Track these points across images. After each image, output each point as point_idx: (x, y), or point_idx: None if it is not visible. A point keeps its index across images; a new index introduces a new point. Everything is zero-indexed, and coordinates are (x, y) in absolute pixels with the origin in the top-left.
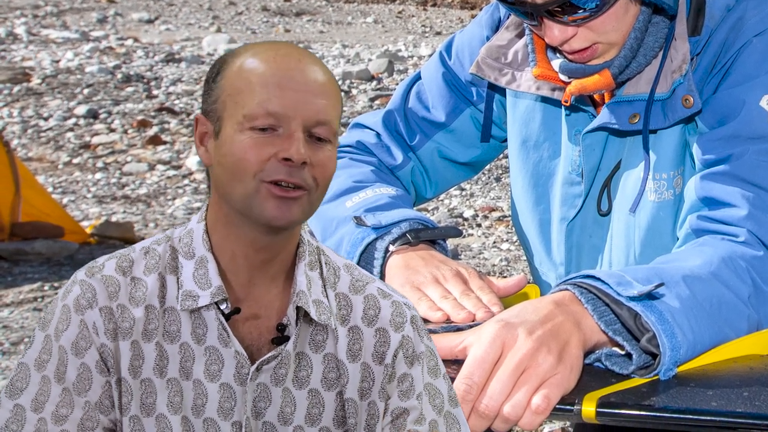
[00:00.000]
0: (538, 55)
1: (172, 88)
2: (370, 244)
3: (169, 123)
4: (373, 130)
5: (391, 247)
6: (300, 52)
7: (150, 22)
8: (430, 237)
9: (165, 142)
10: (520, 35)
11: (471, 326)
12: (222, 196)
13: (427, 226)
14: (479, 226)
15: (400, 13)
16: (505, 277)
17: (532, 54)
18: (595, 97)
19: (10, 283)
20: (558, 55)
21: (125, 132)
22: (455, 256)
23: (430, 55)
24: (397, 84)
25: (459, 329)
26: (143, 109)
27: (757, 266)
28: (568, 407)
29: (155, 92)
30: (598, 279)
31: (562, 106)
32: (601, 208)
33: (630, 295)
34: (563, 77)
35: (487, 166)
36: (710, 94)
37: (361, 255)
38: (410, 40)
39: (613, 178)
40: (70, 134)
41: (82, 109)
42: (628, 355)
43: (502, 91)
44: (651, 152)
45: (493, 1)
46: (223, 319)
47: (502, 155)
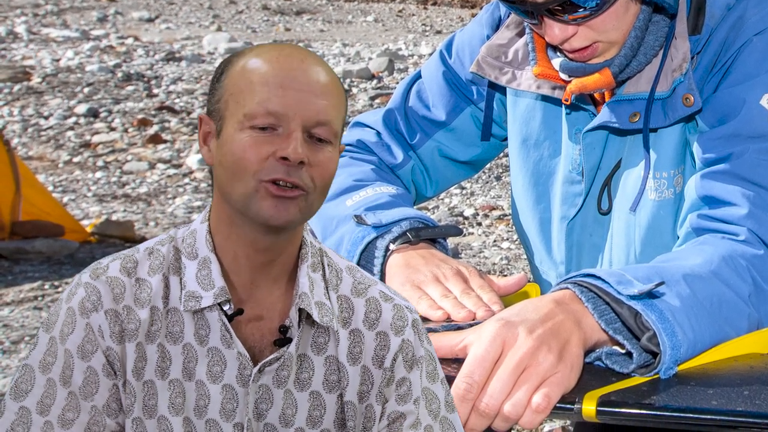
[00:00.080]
0: (539, 54)
1: (173, 87)
2: (371, 242)
3: (169, 122)
4: (374, 129)
5: (392, 246)
6: (303, 53)
7: (150, 20)
8: (430, 236)
9: (165, 141)
10: (521, 34)
11: (471, 325)
12: (223, 196)
13: (428, 225)
14: (479, 224)
15: (400, 11)
16: (506, 275)
17: (533, 53)
18: (596, 95)
19: (10, 282)
20: (558, 53)
21: (126, 131)
22: (455, 254)
23: (431, 54)
24: (398, 83)
25: (459, 328)
26: (143, 107)
27: (757, 265)
28: (569, 406)
29: (156, 91)
30: (599, 278)
31: (563, 105)
32: (602, 207)
33: (630, 294)
34: (563, 76)
35: (488, 165)
36: (710, 93)
37: (362, 254)
38: (410, 38)
39: (613, 177)
40: (70, 133)
41: (82, 108)
42: (629, 354)
43: (503, 90)
44: (651, 151)
45: (494, 0)
46: (225, 321)
47: (502, 154)
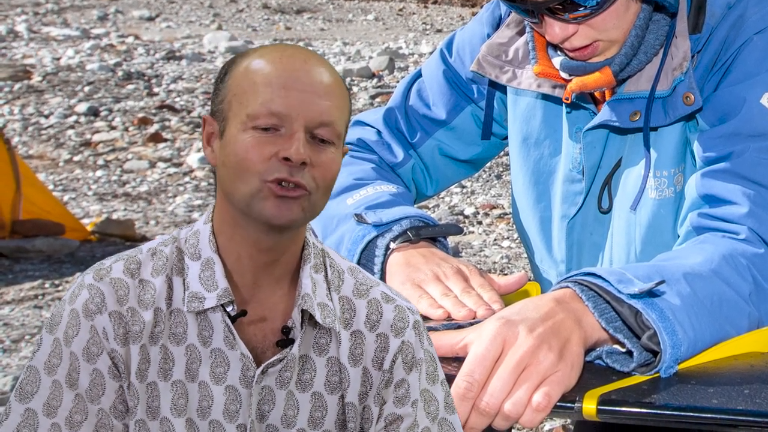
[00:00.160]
0: (539, 53)
1: (173, 86)
2: (371, 241)
3: (169, 120)
4: (374, 128)
5: (392, 245)
6: (306, 53)
7: (151, 19)
8: (430, 234)
9: (166, 140)
10: (521, 33)
11: (472, 324)
12: (226, 196)
13: (428, 224)
14: (480, 223)
15: (400, 10)
16: (506, 274)
17: (533, 51)
18: (596, 94)
19: (10, 281)
20: (559, 52)
21: (126, 129)
22: (456, 253)
23: (431, 53)
24: (398, 81)
25: (460, 327)
26: (144, 106)
27: (757, 264)
28: (569, 405)
29: (156, 90)
30: (599, 276)
31: (563, 104)
32: (602, 206)
33: (631, 293)
34: (564, 75)
35: (488, 164)
36: (711, 92)
37: (362, 252)
38: (411, 37)
39: (613, 176)
40: (70, 132)
41: (82, 107)
42: (629, 353)
43: (503, 89)
44: (652, 150)
45: None
46: (229, 322)
47: (502, 153)
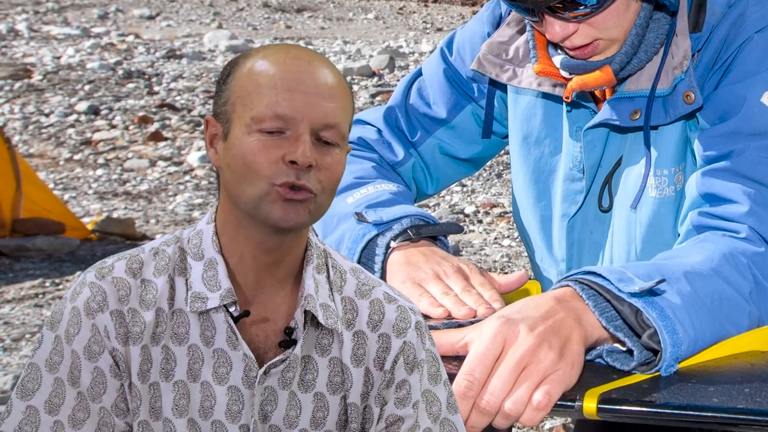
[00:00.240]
0: (539, 52)
1: (173, 85)
2: (372, 240)
3: (170, 119)
4: (374, 127)
5: (393, 244)
6: (310, 54)
7: (151, 18)
8: (431, 233)
9: (166, 139)
10: (521, 31)
11: (472, 322)
12: (231, 198)
13: (429, 223)
14: (480, 222)
15: (401, 9)
16: (506, 273)
17: (533, 50)
18: (596, 93)
19: (11, 280)
20: (559, 51)
21: (126, 128)
22: (456, 252)
23: (431, 52)
24: (398, 80)
25: (460, 325)
26: (144, 105)
27: (758, 262)
28: (570, 403)
29: (156, 88)
30: (600, 275)
31: (563, 103)
32: (602, 205)
33: (631, 292)
34: (564, 73)
35: (488, 163)
36: (711, 91)
37: (362, 251)
38: (411, 36)
39: (614, 175)
40: (71, 130)
41: (83, 106)
42: (630, 352)
43: (503, 88)
44: (652, 148)
45: None
46: (231, 322)
47: (503, 151)
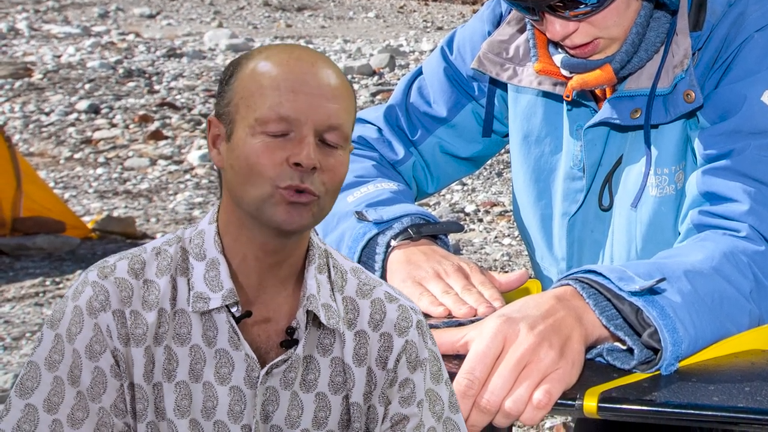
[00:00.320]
0: (540, 50)
1: (174, 83)
2: (372, 239)
3: (170, 118)
4: (375, 125)
5: (393, 242)
6: (313, 55)
7: (151, 17)
8: (431, 232)
9: (166, 137)
10: (522, 30)
11: (472, 321)
12: (234, 199)
13: (429, 221)
14: (481, 221)
15: (401, 8)
16: (507, 272)
17: (534, 49)
18: (597, 92)
19: (11, 278)
20: (559, 50)
21: (127, 127)
22: (457, 251)
23: (432, 50)
24: (399, 79)
25: (460, 324)
26: (145, 104)
27: (758, 261)
28: (570, 402)
29: (157, 87)
30: (600, 274)
31: (564, 101)
32: (603, 203)
33: (631, 290)
34: (565, 72)
35: (489, 161)
36: (711, 89)
37: (363, 250)
38: (412, 35)
39: (614, 173)
40: (71, 129)
41: (83, 104)
42: (630, 350)
43: (504, 86)
44: (652, 147)
45: None
46: (233, 322)
47: (503, 150)
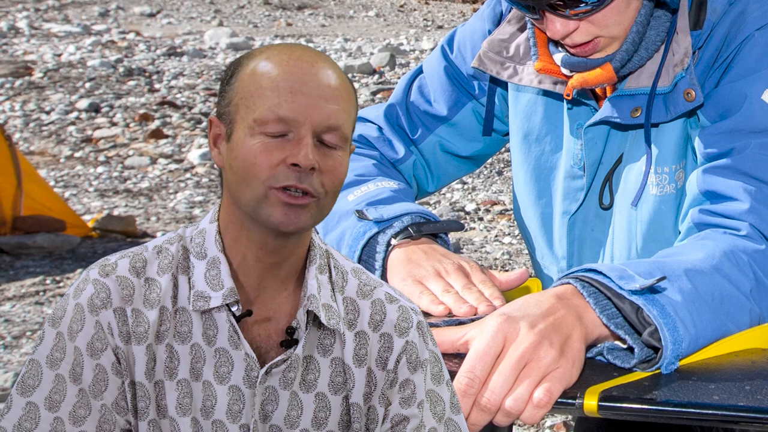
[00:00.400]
0: (540, 49)
1: (174, 82)
2: (372, 237)
3: (170, 117)
4: (375, 124)
5: (393, 241)
6: (314, 55)
7: (152, 15)
8: (432, 231)
9: (167, 136)
10: (522, 29)
11: (473, 320)
12: (233, 199)
13: (429, 220)
14: (481, 219)
15: (402, 6)
16: (507, 270)
17: (534, 48)
18: (597, 90)
19: (12, 277)
20: (560, 48)
21: (127, 126)
22: (457, 249)
23: (432, 49)
24: (399, 78)
25: (461, 323)
26: (145, 102)
27: (759, 260)
28: (570, 401)
29: (157, 86)
30: (600, 273)
31: (564, 100)
32: (603, 202)
33: (632, 289)
34: (565, 71)
35: (489, 160)
36: (712, 88)
37: (363, 249)
38: (412, 33)
39: (614, 172)
40: (71, 128)
41: (83, 103)
42: (630, 349)
43: (504, 85)
44: (653, 146)
45: None
46: (234, 321)
47: (503, 149)
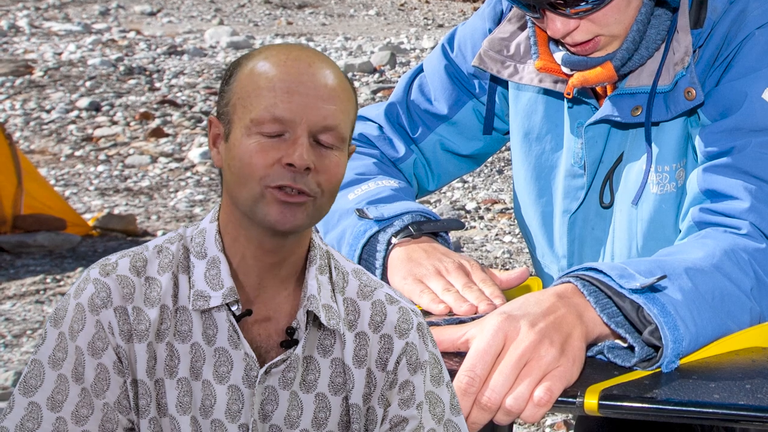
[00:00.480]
0: (541, 48)
1: (175, 81)
2: (373, 236)
3: (171, 115)
4: (376, 123)
5: (394, 240)
6: (312, 55)
7: (152, 14)
8: (432, 229)
9: (167, 135)
10: (523, 28)
11: (473, 319)
12: (231, 199)
13: (430, 219)
14: (481, 218)
15: (402, 5)
16: (508, 269)
17: (535, 46)
18: (598, 89)
19: (12, 276)
20: (560, 47)
21: (127, 124)
22: (457, 248)
23: (433, 48)
24: (400, 76)
25: (461, 322)
26: (145, 101)
27: (759, 259)
28: (571, 400)
29: (157, 85)
30: (601, 271)
31: (565, 99)
32: (604, 201)
33: (632, 288)
34: (565, 70)
35: (490, 159)
36: (712, 87)
37: (364, 247)
38: (412, 32)
39: (615, 171)
40: (72, 127)
41: (84, 102)
42: (631, 348)
43: (505, 84)
44: (653, 145)
45: None
46: (234, 321)
47: (504, 147)
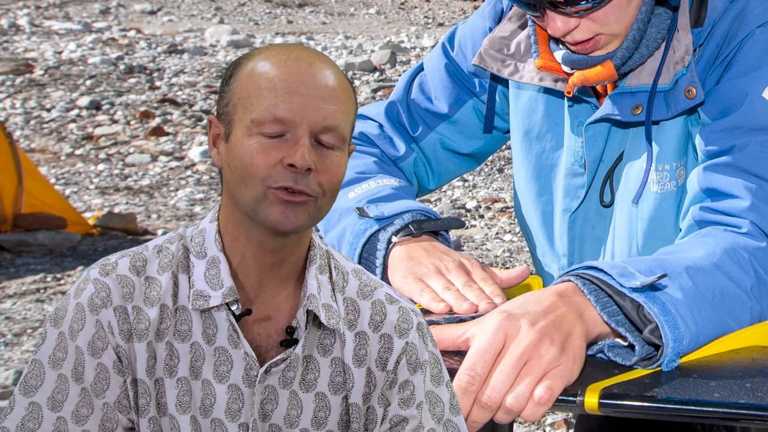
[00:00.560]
0: (541, 47)
1: (175, 80)
2: (373, 235)
3: (171, 114)
4: (376, 122)
5: (394, 239)
6: (312, 56)
7: (153, 13)
8: (432, 228)
9: (167, 134)
10: (523, 26)
11: (474, 317)
12: (232, 199)
13: (430, 217)
14: (482, 217)
15: (402, 4)
16: (508, 268)
17: (535, 45)
18: (598, 88)
19: (12, 275)
20: (561, 46)
21: (128, 123)
22: (458, 247)
23: (433, 47)
24: (400, 75)
25: (462, 320)
26: (146, 100)
27: (759, 257)
28: (571, 398)
29: (158, 83)
30: (601, 270)
31: (565, 98)
32: (604, 200)
33: (633, 287)
34: (566, 68)
35: (490, 157)
36: (713, 86)
37: (364, 246)
38: (413, 31)
39: (615, 170)
40: (72, 125)
41: (84, 101)
42: (631, 347)
43: (505, 83)
44: (654, 143)
45: None
46: (233, 320)
47: (504, 146)
